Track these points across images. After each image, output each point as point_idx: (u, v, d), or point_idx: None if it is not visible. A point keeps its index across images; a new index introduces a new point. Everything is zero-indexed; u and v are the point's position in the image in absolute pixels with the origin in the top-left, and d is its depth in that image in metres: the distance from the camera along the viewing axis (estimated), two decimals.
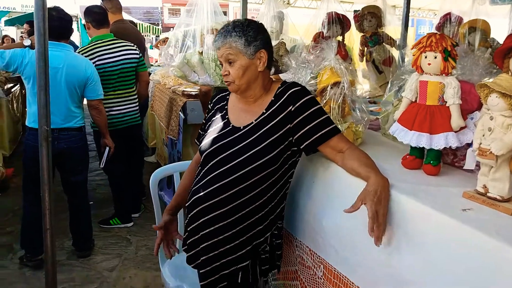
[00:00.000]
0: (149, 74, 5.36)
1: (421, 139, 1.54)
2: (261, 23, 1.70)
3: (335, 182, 1.62)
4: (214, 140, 1.66)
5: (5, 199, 4.27)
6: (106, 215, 3.84)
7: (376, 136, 2.12)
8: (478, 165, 1.35)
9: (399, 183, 1.43)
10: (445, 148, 1.52)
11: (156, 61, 9.11)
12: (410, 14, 3.58)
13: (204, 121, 1.84)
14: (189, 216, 1.66)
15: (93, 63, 3.22)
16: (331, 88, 1.84)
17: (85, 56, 3.25)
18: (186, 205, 1.69)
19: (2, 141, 4.90)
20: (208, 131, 1.74)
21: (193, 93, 3.85)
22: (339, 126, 1.78)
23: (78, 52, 3.31)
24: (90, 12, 3.46)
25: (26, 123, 2.96)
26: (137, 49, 3.65)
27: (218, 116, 1.74)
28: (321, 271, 1.65)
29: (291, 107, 1.60)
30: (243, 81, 1.61)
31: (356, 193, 1.38)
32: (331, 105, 1.85)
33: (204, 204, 1.59)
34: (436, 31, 2.70)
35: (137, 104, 3.71)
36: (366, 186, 1.38)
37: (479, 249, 1.08)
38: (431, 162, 1.55)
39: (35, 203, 2.31)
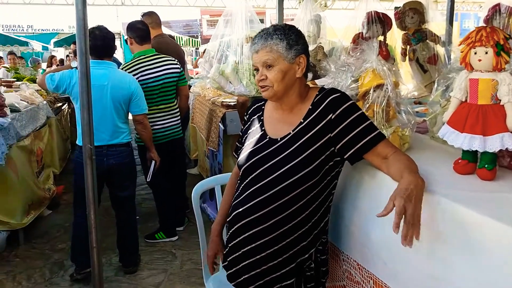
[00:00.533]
0: (190, 86, 5.45)
1: (473, 142, 1.43)
2: (299, 29, 1.65)
3: (382, 191, 1.53)
4: (251, 154, 1.61)
5: (57, 216, 4.43)
6: (151, 229, 3.89)
7: (424, 139, 2.00)
8: None
9: (452, 190, 1.33)
10: (500, 150, 1.40)
11: (197, 73, 9.26)
12: (454, 8, 3.42)
13: (240, 133, 1.80)
14: (229, 232, 1.62)
15: (136, 78, 3.30)
16: (374, 91, 1.75)
17: (128, 72, 3.33)
18: (228, 220, 1.66)
19: (52, 159, 5.09)
20: (245, 144, 1.69)
21: (232, 103, 3.84)
22: (384, 131, 1.69)
23: (122, 68, 3.39)
24: (133, 28, 3.53)
25: (77, 142, 3.04)
26: (178, 63, 3.70)
27: (255, 127, 1.70)
28: (370, 286, 1.56)
29: (331, 115, 1.52)
30: (281, 87, 1.54)
31: None
32: (375, 109, 1.76)
33: (244, 220, 1.55)
34: (484, 25, 2.54)
35: (178, 118, 3.75)
36: (398, 184, 1.29)
37: None
38: (486, 166, 1.44)
39: (84, 217, 2.37)
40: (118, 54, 13.78)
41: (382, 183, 1.52)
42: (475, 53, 1.44)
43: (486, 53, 1.41)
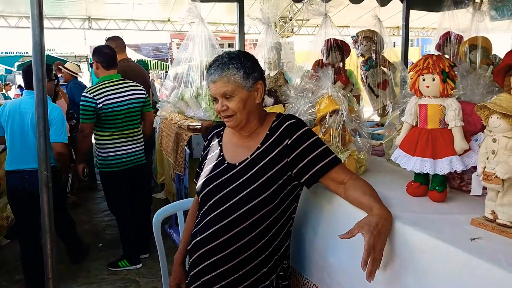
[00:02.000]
0: (157, 110, 5.42)
1: (424, 165, 1.48)
2: (252, 54, 1.66)
3: (340, 215, 1.55)
4: (209, 180, 1.60)
5: (15, 245, 4.22)
6: (115, 257, 3.78)
7: (380, 162, 2.06)
8: (485, 189, 1.28)
9: (404, 213, 1.36)
10: (450, 172, 1.46)
11: (167, 96, 9.23)
12: (414, 34, 3.56)
13: (200, 159, 1.80)
14: (190, 261, 1.59)
15: (101, 102, 3.29)
16: (330, 116, 1.80)
17: (93, 95, 3.31)
18: (188, 248, 1.63)
19: None
20: (203, 170, 1.69)
21: (199, 127, 3.83)
22: (340, 155, 1.73)
23: (86, 92, 3.36)
24: (100, 52, 3.50)
25: (5, 167, 3.06)
26: (143, 89, 3.67)
27: (214, 153, 1.69)
28: None
29: (287, 140, 1.54)
30: (244, 114, 1.55)
31: None
32: (331, 134, 1.80)
33: (203, 249, 1.52)
34: (437, 52, 2.67)
35: (142, 143, 3.70)
36: (368, 215, 1.31)
37: (490, 282, 1.01)
38: (437, 188, 1.48)
39: (33, 250, 2.28)
40: (85, 77, 13.62)
41: (340, 208, 1.55)
42: (423, 80, 1.50)
43: (433, 80, 1.48)
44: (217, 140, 1.73)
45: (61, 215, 3.47)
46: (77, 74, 6.18)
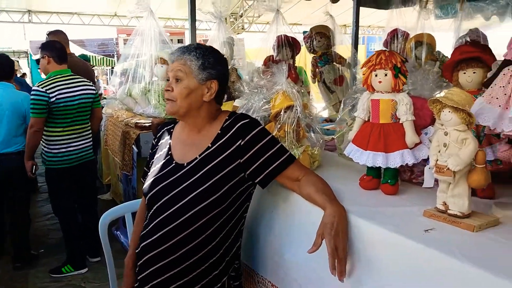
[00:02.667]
0: (102, 107, 5.21)
1: (377, 159, 1.50)
2: (225, 58, 1.62)
3: (295, 212, 1.54)
4: (156, 181, 1.53)
5: None
6: (58, 262, 3.57)
7: (333, 157, 2.07)
8: (436, 181, 1.31)
9: (357, 207, 1.36)
10: (401, 165, 1.48)
11: (113, 93, 8.92)
12: (360, 32, 3.64)
13: (148, 158, 1.72)
14: (138, 264, 1.51)
15: (54, 96, 3.23)
16: (285, 112, 1.78)
17: (46, 89, 3.22)
18: (136, 252, 1.55)
19: None
20: (151, 170, 1.61)
21: (147, 124, 3.72)
22: (294, 151, 1.72)
23: (38, 86, 3.25)
24: (51, 47, 3.40)
25: None
26: (93, 85, 3.59)
27: (162, 152, 1.62)
28: None
29: (240, 141, 1.48)
30: (184, 104, 1.49)
31: (317, 223, 1.30)
32: (286, 130, 1.78)
33: (152, 252, 1.45)
34: (384, 48, 2.73)
35: (91, 139, 3.59)
36: (323, 218, 1.30)
37: (444, 272, 1.02)
38: (389, 181, 1.50)
39: None
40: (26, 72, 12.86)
41: (295, 205, 1.53)
42: (376, 75, 1.51)
43: (386, 75, 1.49)
44: (166, 137, 1.65)
45: (22, 209, 3.63)
46: (16, 70, 5.84)
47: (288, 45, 2.60)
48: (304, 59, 3.09)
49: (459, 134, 1.18)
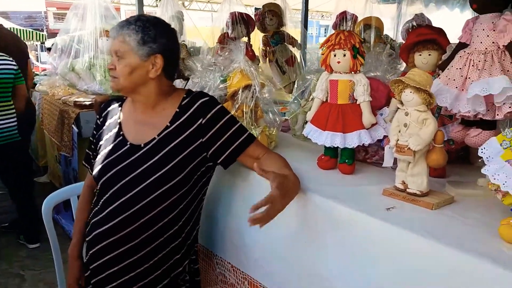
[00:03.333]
0: (35, 85, 4.85)
1: (335, 139, 1.51)
2: (172, 28, 1.50)
3: (255, 193, 1.50)
4: (110, 164, 1.43)
5: None
6: None
7: (287, 138, 2.08)
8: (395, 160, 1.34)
9: (319, 186, 1.38)
10: (357, 145, 1.51)
11: (44, 70, 8.34)
12: (308, 13, 3.64)
13: (92, 139, 1.60)
14: (90, 253, 1.42)
15: None
16: (243, 91, 1.74)
17: None
18: (87, 240, 1.45)
19: None
20: (100, 153, 1.50)
21: (87, 103, 3.51)
22: (253, 131, 1.69)
23: None
24: None
25: None
26: (13, 60, 3.29)
27: (111, 133, 1.51)
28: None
29: (201, 119, 1.42)
30: (127, 82, 1.40)
31: None
32: (244, 109, 1.75)
33: (107, 240, 1.37)
34: (333, 30, 2.75)
35: (15, 119, 3.31)
36: (276, 177, 1.24)
37: (409, 249, 1.05)
38: (346, 161, 1.53)
39: None
40: None
41: (255, 185, 1.51)
42: (335, 56, 1.51)
43: (344, 55, 1.50)
44: (115, 117, 1.54)
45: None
46: None
47: (242, 22, 2.54)
48: (254, 38, 3.04)
49: (419, 115, 1.21)
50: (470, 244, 0.98)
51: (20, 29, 11.97)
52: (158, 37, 1.40)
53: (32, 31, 13.39)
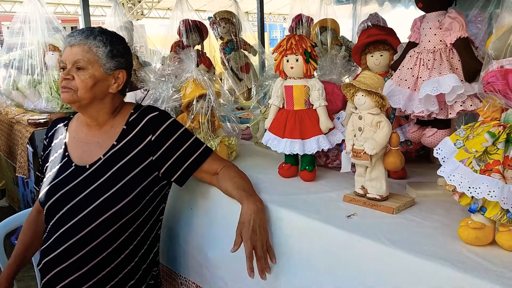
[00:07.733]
0: None
1: (294, 146, 1.48)
2: (129, 46, 1.47)
3: (216, 208, 1.47)
4: (55, 187, 1.35)
5: None
6: None
7: (249, 146, 2.03)
8: (353, 165, 1.32)
9: (278, 197, 1.35)
10: (317, 151, 1.48)
11: None
12: (264, 19, 3.61)
13: (39, 161, 1.52)
14: (43, 282, 1.33)
15: None
16: (197, 101, 1.68)
17: None
18: (38, 268, 1.36)
19: None
20: (46, 175, 1.42)
21: (42, 120, 3.35)
22: (211, 142, 1.64)
23: None
24: None
25: None
26: None
27: (57, 153, 1.43)
28: None
29: (150, 136, 1.36)
30: (87, 95, 1.32)
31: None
32: (200, 120, 1.69)
33: (58, 268, 1.29)
34: (289, 33, 2.73)
35: None
36: (240, 216, 1.24)
37: (370, 257, 1.03)
38: (307, 168, 1.50)
39: None
40: None
41: (215, 200, 1.47)
42: (287, 61, 1.49)
43: (297, 60, 1.47)
44: (60, 137, 1.46)
45: None
46: None
47: (196, 29, 2.49)
48: (212, 45, 2.98)
49: (373, 118, 1.19)
50: (431, 249, 0.97)
51: None
52: (125, 53, 1.39)
53: None
